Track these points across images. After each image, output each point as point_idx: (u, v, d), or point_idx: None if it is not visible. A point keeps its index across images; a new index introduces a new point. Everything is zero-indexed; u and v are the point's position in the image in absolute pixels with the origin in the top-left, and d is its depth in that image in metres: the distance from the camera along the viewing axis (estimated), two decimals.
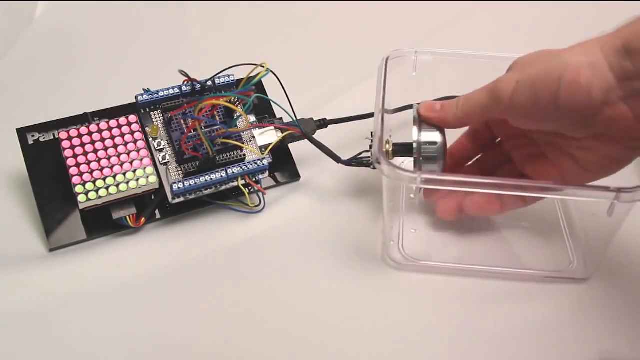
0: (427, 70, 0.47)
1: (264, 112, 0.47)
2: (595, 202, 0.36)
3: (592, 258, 0.41)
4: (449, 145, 0.42)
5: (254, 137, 0.45)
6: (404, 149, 0.42)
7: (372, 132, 0.43)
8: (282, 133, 0.45)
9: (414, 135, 0.41)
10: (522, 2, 0.70)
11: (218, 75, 0.44)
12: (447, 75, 0.49)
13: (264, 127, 0.45)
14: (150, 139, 0.43)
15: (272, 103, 0.46)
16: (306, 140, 0.45)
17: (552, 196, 0.43)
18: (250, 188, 0.45)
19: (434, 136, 0.41)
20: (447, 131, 0.41)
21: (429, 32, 0.66)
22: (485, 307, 0.40)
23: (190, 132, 0.42)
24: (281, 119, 0.47)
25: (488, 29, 0.67)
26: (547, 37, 0.64)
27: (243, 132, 0.44)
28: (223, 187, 0.44)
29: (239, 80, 0.44)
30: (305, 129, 0.45)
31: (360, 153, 0.44)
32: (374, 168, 0.43)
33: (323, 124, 0.47)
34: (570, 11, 0.67)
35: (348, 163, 0.44)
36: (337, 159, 0.44)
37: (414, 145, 0.41)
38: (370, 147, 0.43)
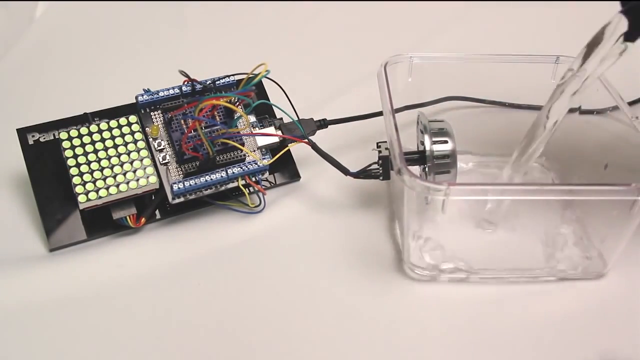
0: (424, 73, 0.47)
1: (264, 112, 0.47)
2: (612, 199, 0.36)
3: (608, 254, 0.41)
4: None
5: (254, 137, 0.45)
6: (414, 159, 0.42)
7: (377, 143, 0.43)
8: (287, 143, 0.45)
9: (427, 145, 0.41)
10: (520, 3, 0.70)
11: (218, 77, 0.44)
12: (444, 77, 0.49)
13: (267, 136, 0.45)
14: (151, 139, 0.43)
15: (272, 103, 0.46)
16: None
17: (577, 197, 0.43)
18: (250, 188, 0.45)
19: (446, 145, 0.41)
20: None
21: (427, 32, 0.67)
22: (505, 310, 0.39)
23: (191, 132, 0.42)
24: (281, 119, 0.47)
25: (485, 29, 0.67)
26: (544, 37, 0.64)
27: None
28: (223, 187, 0.44)
29: (239, 81, 0.44)
30: (306, 131, 0.45)
31: (369, 165, 0.43)
32: (383, 179, 0.43)
33: (323, 124, 0.47)
34: (565, 12, 0.68)
35: (356, 175, 0.43)
36: (344, 171, 0.44)
37: (427, 154, 0.40)
38: (380, 159, 0.42)
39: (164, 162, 0.42)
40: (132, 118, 0.43)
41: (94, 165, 0.41)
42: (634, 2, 0.35)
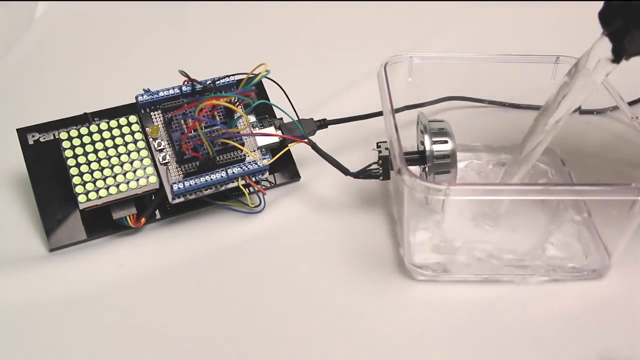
0: (424, 73, 0.47)
1: (264, 112, 0.47)
2: (612, 199, 0.37)
3: (608, 254, 0.41)
4: None
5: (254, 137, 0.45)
6: (414, 159, 0.42)
7: (377, 143, 0.43)
8: (287, 143, 0.45)
9: (427, 145, 0.41)
10: (520, 3, 0.70)
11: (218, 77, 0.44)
12: (443, 77, 0.49)
13: (267, 136, 0.45)
14: (151, 139, 0.43)
15: (272, 103, 0.46)
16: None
17: (577, 197, 0.43)
18: (250, 188, 0.45)
19: (446, 145, 0.41)
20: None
21: (427, 32, 0.67)
22: (505, 310, 0.39)
23: (191, 132, 0.42)
24: (281, 119, 0.47)
25: (485, 29, 0.67)
26: (544, 37, 0.64)
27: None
28: (223, 187, 0.44)
29: (239, 81, 0.44)
30: (306, 131, 0.45)
31: (369, 165, 0.44)
32: (383, 179, 0.43)
33: (323, 124, 0.47)
34: (565, 12, 0.68)
35: (356, 175, 0.43)
36: (344, 171, 0.44)
37: (427, 154, 0.40)
38: (380, 159, 0.42)
39: (164, 162, 0.42)
40: (132, 118, 0.43)
41: (94, 165, 0.41)
42: (615, 25, 0.36)
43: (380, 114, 0.46)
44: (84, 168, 0.41)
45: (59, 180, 0.42)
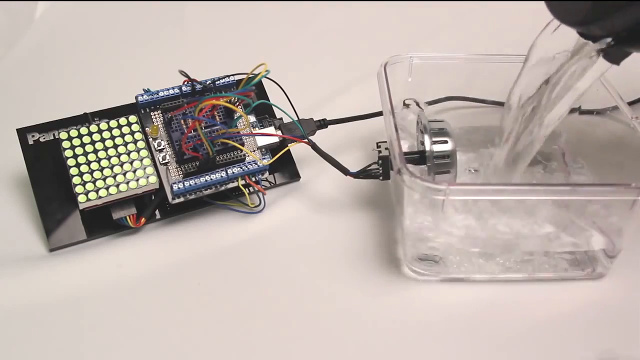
0: (424, 73, 0.47)
1: (263, 112, 0.47)
2: (612, 199, 0.37)
3: (608, 254, 0.41)
4: None
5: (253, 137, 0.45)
6: (414, 159, 0.42)
7: (377, 143, 0.43)
8: (287, 143, 0.45)
9: (427, 144, 0.41)
10: (520, 3, 0.70)
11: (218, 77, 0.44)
12: (443, 77, 0.49)
13: (267, 136, 0.45)
14: (150, 139, 0.43)
15: (272, 103, 0.46)
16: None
17: (576, 197, 0.43)
18: (250, 188, 0.45)
19: (446, 145, 0.41)
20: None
21: (427, 32, 0.66)
22: (505, 310, 0.40)
23: (191, 132, 0.42)
24: (281, 119, 0.47)
25: (485, 29, 0.67)
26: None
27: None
28: (223, 187, 0.44)
29: (239, 81, 0.44)
30: (306, 131, 0.45)
31: (369, 165, 0.44)
32: (383, 179, 0.43)
33: (323, 124, 0.47)
34: None
35: (356, 175, 0.43)
36: (344, 171, 0.44)
37: (427, 154, 0.41)
38: (380, 159, 0.42)
39: (164, 162, 0.42)
40: (132, 118, 0.43)
41: (94, 165, 0.41)
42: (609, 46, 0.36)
43: (380, 114, 0.46)
44: (84, 168, 0.41)
45: (59, 180, 0.42)
